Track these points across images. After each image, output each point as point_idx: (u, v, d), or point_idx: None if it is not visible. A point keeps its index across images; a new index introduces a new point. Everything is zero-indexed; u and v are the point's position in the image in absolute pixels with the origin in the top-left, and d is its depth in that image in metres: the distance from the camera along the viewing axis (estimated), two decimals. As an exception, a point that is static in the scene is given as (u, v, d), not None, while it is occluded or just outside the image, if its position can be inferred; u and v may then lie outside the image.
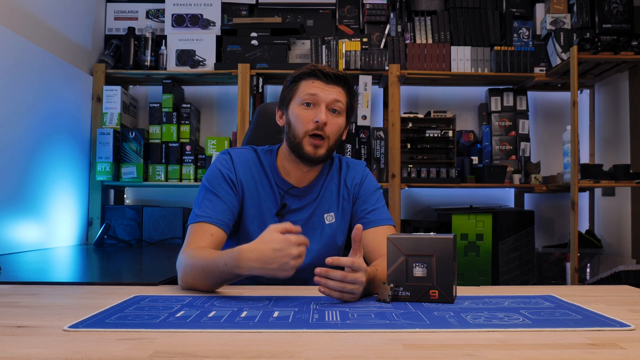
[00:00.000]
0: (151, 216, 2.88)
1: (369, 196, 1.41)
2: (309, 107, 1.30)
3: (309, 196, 1.38)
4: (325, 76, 1.29)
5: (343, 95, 1.32)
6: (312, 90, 1.29)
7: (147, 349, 0.72)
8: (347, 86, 1.34)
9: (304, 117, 1.29)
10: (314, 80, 1.30)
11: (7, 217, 2.15)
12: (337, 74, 1.31)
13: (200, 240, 1.23)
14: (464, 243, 2.82)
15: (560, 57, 2.85)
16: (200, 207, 1.29)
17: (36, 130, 2.36)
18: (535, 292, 1.18)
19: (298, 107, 1.31)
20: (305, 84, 1.31)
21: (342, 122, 1.33)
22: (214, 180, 1.33)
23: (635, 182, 2.55)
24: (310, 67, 1.31)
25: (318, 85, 1.30)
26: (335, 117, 1.31)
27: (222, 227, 1.28)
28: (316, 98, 1.29)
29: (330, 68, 1.32)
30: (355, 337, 0.79)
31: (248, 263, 1.03)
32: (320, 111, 1.28)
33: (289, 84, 1.35)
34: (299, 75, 1.33)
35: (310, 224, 1.38)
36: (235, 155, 1.37)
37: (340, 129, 1.33)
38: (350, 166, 1.45)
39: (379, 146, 2.90)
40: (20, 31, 2.25)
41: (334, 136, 1.32)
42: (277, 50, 2.94)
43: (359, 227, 1.07)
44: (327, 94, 1.29)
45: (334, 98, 1.30)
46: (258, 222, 1.35)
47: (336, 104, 1.30)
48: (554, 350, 0.73)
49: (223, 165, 1.35)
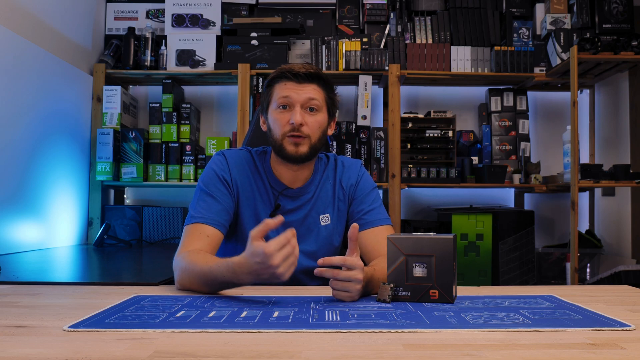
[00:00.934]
0: (151, 216, 2.88)
1: (365, 196, 1.41)
2: (285, 110, 1.29)
3: (303, 197, 1.38)
4: (295, 76, 1.28)
5: (319, 92, 1.31)
6: (284, 93, 1.29)
7: (147, 349, 0.72)
8: (322, 81, 1.32)
9: (280, 120, 1.29)
10: (285, 82, 1.30)
11: (7, 217, 2.15)
12: (308, 71, 1.29)
13: (196, 242, 1.23)
14: (464, 243, 2.82)
15: (560, 57, 2.85)
16: (195, 208, 1.29)
17: (36, 130, 2.36)
18: (535, 292, 1.18)
19: (274, 111, 1.31)
20: (279, 87, 1.30)
21: (321, 119, 1.32)
22: (209, 182, 1.33)
23: (635, 182, 2.55)
24: (281, 69, 1.30)
25: (290, 87, 1.29)
26: (313, 115, 1.30)
27: (218, 228, 1.27)
28: (290, 100, 1.28)
29: (301, 66, 1.30)
30: (355, 337, 0.79)
31: (242, 276, 1.03)
32: (295, 112, 1.27)
33: (264, 89, 1.35)
34: (272, 79, 1.32)
35: (305, 225, 1.37)
36: (229, 156, 1.37)
37: (321, 125, 1.32)
38: (346, 166, 1.44)
39: (379, 146, 2.90)
40: (20, 31, 2.25)
41: (315, 134, 1.31)
42: (277, 50, 2.94)
43: (355, 227, 1.08)
44: (300, 93, 1.28)
45: (307, 97, 1.29)
46: (254, 222, 1.34)
47: (312, 102, 1.29)
48: (554, 350, 0.73)
49: (218, 166, 1.35)
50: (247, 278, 1.03)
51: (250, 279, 1.03)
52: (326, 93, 1.33)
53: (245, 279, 1.04)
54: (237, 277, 1.04)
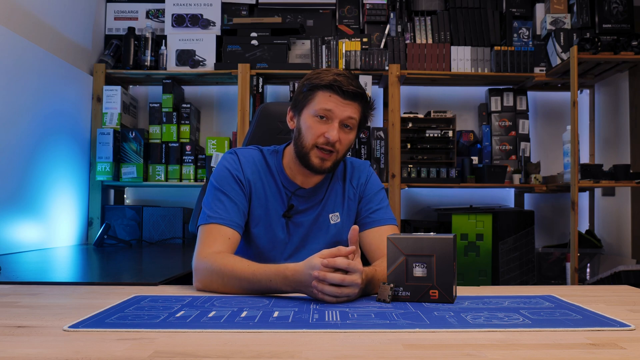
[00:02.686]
0: (151, 216, 2.88)
1: (373, 196, 1.41)
2: (322, 120, 1.28)
3: (315, 197, 1.38)
4: (343, 92, 1.26)
5: (358, 111, 1.30)
6: (327, 105, 1.27)
7: (147, 349, 0.72)
8: (364, 101, 1.32)
9: (316, 130, 1.27)
10: (331, 94, 1.27)
11: (7, 217, 2.15)
12: (356, 91, 1.27)
13: (218, 244, 1.23)
14: (464, 243, 2.82)
15: (560, 57, 2.85)
16: (211, 207, 1.28)
17: (36, 130, 2.36)
18: (535, 292, 1.18)
19: (311, 117, 1.28)
20: (322, 96, 1.28)
21: (352, 137, 1.32)
22: (222, 180, 1.32)
23: (635, 182, 2.55)
24: (330, 80, 1.27)
25: (334, 100, 1.27)
26: (346, 133, 1.29)
27: (237, 230, 1.28)
28: (331, 113, 1.27)
29: (349, 82, 1.27)
30: (355, 337, 0.79)
31: (292, 284, 1.07)
32: (332, 128, 1.26)
33: (305, 89, 1.31)
34: (317, 85, 1.29)
35: (316, 225, 1.38)
36: (242, 155, 1.37)
37: (350, 143, 1.32)
38: (355, 166, 1.45)
39: (379, 146, 2.90)
40: (20, 31, 2.25)
41: (343, 150, 1.31)
42: (277, 50, 2.94)
43: (355, 229, 1.08)
44: (342, 110, 1.27)
45: (348, 115, 1.28)
46: (264, 222, 1.34)
47: (349, 121, 1.28)
48: (554, 350, 0.73)
49: (231, 164, 1.34)
50: (296, 286, 1.07)
51: (298, 288, 1.07)
52: (363, 112, 1.33)
53: (293, 287, 1.07)
54: (286, 284, 1.07)
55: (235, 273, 1.13)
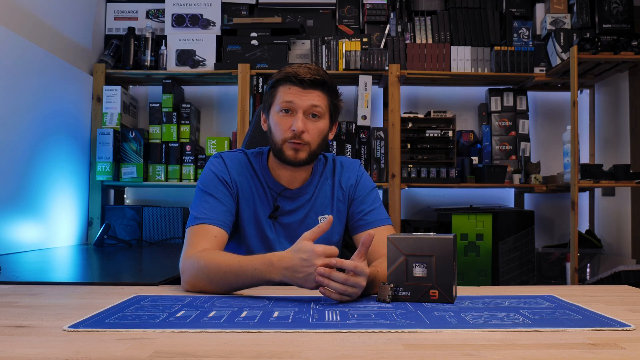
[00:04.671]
0: (151, 216, 2.88)
1: (365, 197, 1.40)
2: (287, 114, 1.28)
3: (302, 197, 1.37)
4: (300, 82, 1.26)
5: (322, 99, 1.29)
6: (288, 97, 1.27)
7: (147, 349, 0.72)
8: (327, 87, 1.30)
9: (282, 124, 1.28)
10: (290, 86, 1.27)
11: (7, 217, 2.15)
12: (314, 78, 1.27)
13: (204, 243, 1.22)
14: (464, 243, 2.82)
15: (560, 57, 2.85)
16: (198, 209, 1.28)
17: (36, 130, 2.36)
18: (535, 292, 1.18)
19: (276, 113, 1.29)
20: (283, 90, 1.29)
21: (323, 126, 1.31)
22: (208, 183, 1.32)
23: (635, 182, 2.55)
24: (286, 72, 1.28)
25: (294, 92, 1.27)
26: (314, 122, 1.29)
27: (224, 228, 1.27)
28: (293, 105, 1.27)
29: (307, 71, 1.27)
30: (355, 337, 0.79)
31: (278, 270, 1.05)
32: (297, 119, 1.26)
33: (268, 88, 1.33)
34: (277, 81, 1.30)
35: (304, 225, 1.37)
36: (227, 158, 1.37)
37: (322, 132, 1.31)
38: (345, 166, 1.43)
39: (379, 146, 2.90)
40: (20, 31, 2.25)
41: (315, 140, 1.30)
42: (277, 50, 2.94)
43: (371, 234, 1.07)
44: (304, 100, 1.27)
45: (311, 104, 1.27)
46: (254, 223, 1.35)
47: (315, 109, 1.28)
48: (554, 350, 0.73)
49: (216, 167, 1.34)
50: (282, 273, 1.05)
51: (285, 275, 1.05)
52: (330, 99, 1.32)
53: (279, 274, 1.05)
54: (272, 271, 1.06)
55: (221, 267, 1.12)
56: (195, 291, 1.16)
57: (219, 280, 1.12)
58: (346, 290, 1.03)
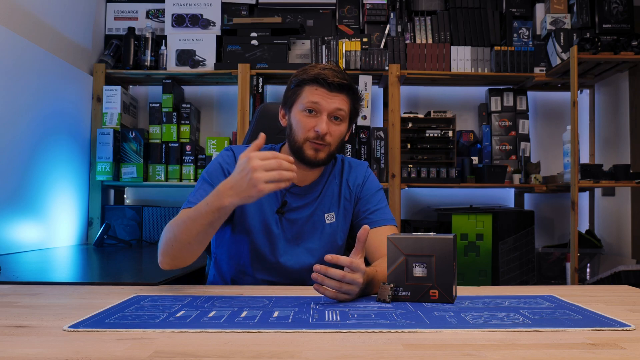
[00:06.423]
0: (151, 216, 2.88)
1: (371, 196, 1.41)
2: (310, 114, 1.29)
3: (310, 195, 1.38)
4: (329, 85, 1.28)
5: (346, 103, 1.31)
6: (314, 98, 1.28)
7: (147, 349, 0.72)
8: (352, 92, 1.33)
9: (305, 124, 1.29)
10: (317, 87, 1.29)
11: (7, 217, 2.15)
12: (342, 82, 1.29)
13: None
14: (464, 243, 2.82)
15: (560, 57, 2.85)
16: (194, 194, 1.30)
17: (36, 130, 2.36)
18: (535, 292, 1.18)
19: (300, 112, 1.30)
20: (309, 90, 1.30)
21: (343, 129, 1.33)
22: (212, 173, 1.34)
23: (635, 182, 2.55)
24: (315, 74, 1.29)
25: (321, 93, 1.29)
26: (336, 125, 1.31)
27: None
28: (318, 106, 1.28)
29: (334, 74, 1.29)
30: (355, 337, 0.79)
31: (225, 193, 1.10)
32: (321, 120, 1.28)
33: (292, 85, 1.34)
34: (303, 80, 1.31)
35: (310, 222, 1.38)
36: (237, 151, 1.38)
37: (342, 135, 1.34)
38: (353, 166, 1.46)
39: (379, 146, 2.90)
40: (20, 31, 2.25)
41: (335, 142, 1.32)
42: (277, 50, 2.94)
43: (366, 228, 1.07)
44: (330, 102, 1.28)
45: (336, 107, 1.29)
46: (259, 218, 1.35)
47: (338, 112, 1.30)
48: (554, 350, 0.73)
49: (224, 160, 1.36)
50: (228, 194, 1.09)
51: (233, 194, 1.08)
52: (352, 103, 1.34)
53: (228, 196, 1.09)
54: (220, 197, 1.10)
55: (181, 218, 1.16)
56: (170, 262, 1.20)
57: (182, 233, 1.15)
58: (342, 287, 1.03)
